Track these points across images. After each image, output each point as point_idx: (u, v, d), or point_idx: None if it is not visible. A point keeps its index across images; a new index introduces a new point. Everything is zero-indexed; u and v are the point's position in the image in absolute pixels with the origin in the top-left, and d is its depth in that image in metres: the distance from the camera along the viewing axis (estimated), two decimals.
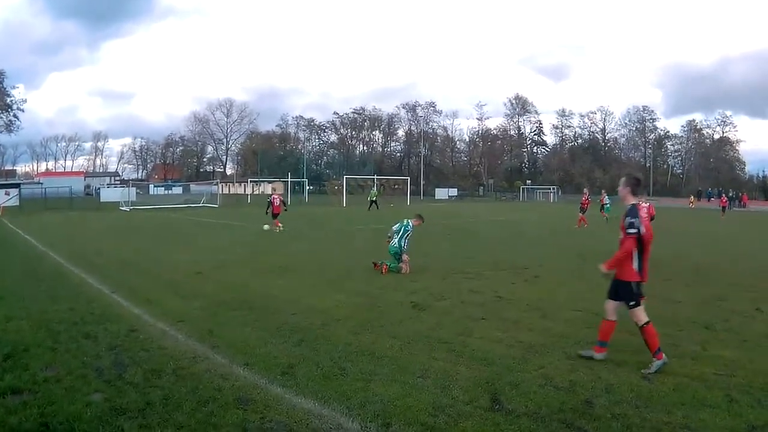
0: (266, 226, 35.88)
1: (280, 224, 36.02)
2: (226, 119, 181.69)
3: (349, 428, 6.78)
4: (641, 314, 9.32)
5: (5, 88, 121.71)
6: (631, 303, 9.33)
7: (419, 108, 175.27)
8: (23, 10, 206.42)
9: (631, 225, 9.11)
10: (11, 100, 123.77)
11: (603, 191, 52.80)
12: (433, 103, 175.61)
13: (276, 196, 38.68)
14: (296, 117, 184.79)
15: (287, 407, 7.35)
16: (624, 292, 9.38)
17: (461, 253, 25.16)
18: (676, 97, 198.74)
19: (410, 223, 19.53)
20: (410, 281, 17.23)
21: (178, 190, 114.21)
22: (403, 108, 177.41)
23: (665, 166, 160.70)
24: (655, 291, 15.34)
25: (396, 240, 19.26)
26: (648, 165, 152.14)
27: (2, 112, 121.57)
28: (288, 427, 6.76)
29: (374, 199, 68.59)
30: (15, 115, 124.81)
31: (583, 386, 8.17)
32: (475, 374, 8.63)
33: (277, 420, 6.94)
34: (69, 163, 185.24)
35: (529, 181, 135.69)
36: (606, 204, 49.32)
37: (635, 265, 9.28)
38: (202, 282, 16.97)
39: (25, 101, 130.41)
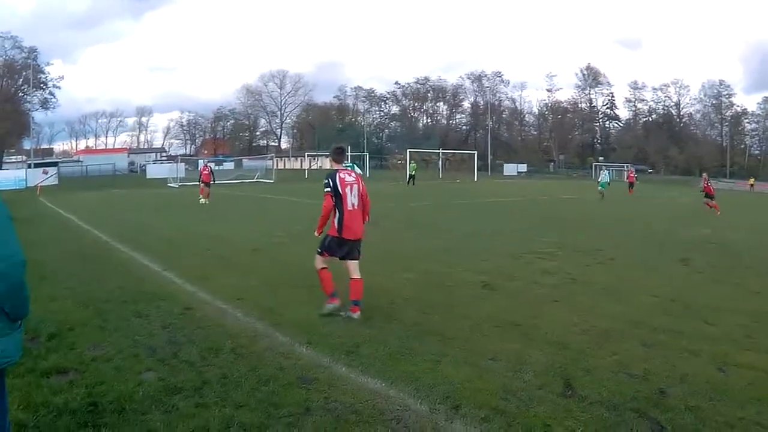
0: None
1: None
2: (279, 91, 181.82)
3: (417, 410, 6.80)
4: (319, 262, 11.33)
5: (39, 66, 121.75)
6: (318, 250, 11.37)
7: (485, 78, 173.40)
8: None
9: (327, 184, 10.98)
10: (46, 77, 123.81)
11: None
12: (500, 73, 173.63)
13: (205, 166, 40.34)
14: (355, 88, 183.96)
15: (352, 387, 7.40)
16: (320, 241, 11.45)
17: (533, 232, 25.12)
18: (758, 72, 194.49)
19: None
20: (480, 260, 17.26)
21: (230, 165, 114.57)
22: (468, 78, 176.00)
23: (742, 146, 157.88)
24: (733, 280, 15.41)
25: None
26: (725, 144, 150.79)
27: (37, 90, 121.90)
28: (353, 408, 6.79)
29: (413, 173, 68.43)
30: (51, 93, 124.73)
31: (658, 375, 8.12)
32: (547, 358, 8.63)
33: (341, 400, 6.99)
34: (111, 140, 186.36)
35: (601, 158, 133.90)
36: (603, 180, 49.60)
37: (336, 221, 11.05)
38: (260, 259, 17.16)
39: (62, 78, 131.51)
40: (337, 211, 11.01)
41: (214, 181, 41.83)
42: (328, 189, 10.92)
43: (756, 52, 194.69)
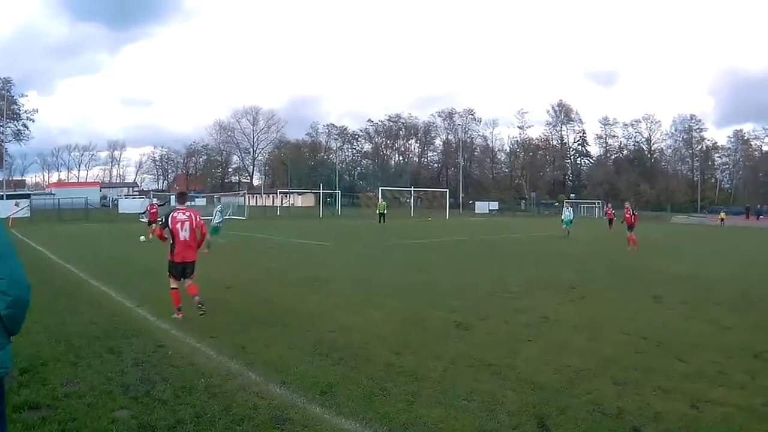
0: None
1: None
2: (252, 127, 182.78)
3: None
4: (173, 281, 14.31)
5: (13, 97, 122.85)
6: (168, 272, 14.35)
7: (457, 116, 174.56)
8: (38, 12, 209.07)
9: (161, 221, 15.14)
10: (19, 108, 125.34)
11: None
12: (472, 111, 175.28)
13: (152, 204, 41.12)
14: (327, 125, 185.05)
15: (326, 427, 7.42)
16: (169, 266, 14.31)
17: (505, 270, 25.15)
18: (728, 105, 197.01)
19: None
20: (452, 299, 17.21)
21: (201, 201, 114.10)
22: (440, 116, 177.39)
23: (713, 180, 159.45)
24: (705, 315, 15.61)
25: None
26: (695, 179, 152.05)
27: (10, 122, 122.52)
28: None
29: (383, 212, 68.14)
30: (24, 125, 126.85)
31: (631, 413, 8.17)
32: (521, 398, 8.64)
33: None
34: (83, 173, 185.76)
35: (573, 195, 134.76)
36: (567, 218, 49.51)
37: (170, 249, 14.18)
38: (232, 296, 17.10)
39: (36, 111, 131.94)
40: (172, 241, 14.15)
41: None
42: (161, 224, 14.73)
43: (727, 84, 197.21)
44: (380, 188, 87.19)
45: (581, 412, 8.18)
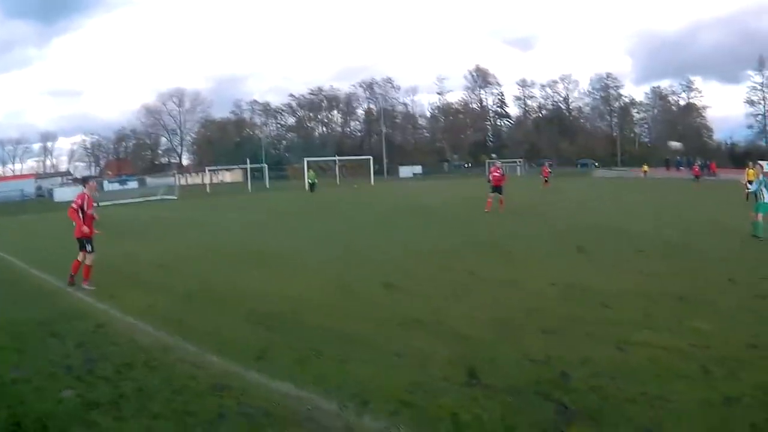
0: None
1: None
2: (178, 109, 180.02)
3: (327, 409, 6.91)
4: (91, 257, 15.15)
5: None
6: (87, 249, 15.14)
7: (376, 85, 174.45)
8: None
9: (75, 202, 15.15)
10: None
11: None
12: (391, 80, 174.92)
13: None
14: (251, 102, 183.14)
15: (264, 392, 7.49)
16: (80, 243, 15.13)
17: (431, 231, 25.26)
18: (646, 64, 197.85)
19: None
20: (382, 262, 17.40)
21: (133, 184, 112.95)
22: (361, 86, 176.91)
23: (632, 135, 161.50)
24: (630, 264, 15.90)
25: None
26: (615, 134, 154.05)
27: None
28: (265, 411, 6.87)
29: (312, 181, 68.34)
30: None
31: (560, 359, 8.33)
32: (451, 351, 8.77)
33: (254, 405, 7.06)
34: (18, 166, 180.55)
35: (494, 155, 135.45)
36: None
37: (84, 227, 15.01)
38: (167, 274, 16.97)
39: None
40: (82, 218, 14.99)
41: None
42: (73, 206, 15.08)
43: (643, 44, 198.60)
44: (305, 159, 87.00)
45: (510, 360, 8.36)
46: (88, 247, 15.06)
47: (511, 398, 7.09)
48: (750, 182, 33.97)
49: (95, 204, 15.63)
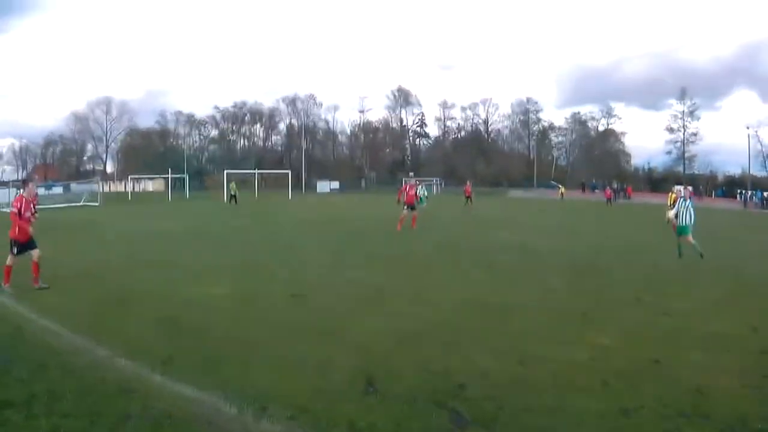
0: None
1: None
2: (105, 117, 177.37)
3: (227, 412, 7.08)
4: (12, 259, 15.22)
5: None
6: (13, 251, 15.28)
7: (299, 101, 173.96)
8: None
9: (14, 204, 15.37)
10: None
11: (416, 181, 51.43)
12: (313, 96, 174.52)
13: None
14: (175, 112, 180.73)
15: (168, 394, 7.62)
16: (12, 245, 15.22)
17: (342, 245, 25.43)
18: (570, 90, 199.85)
19: None
20: (289, 273, 17.55)
21: (58, 189, 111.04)
22: (284, 101, 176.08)
23: (549, 158, 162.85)
24: (537, 281, 16.32)
25: None
26: (532, 157, 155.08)
27: None
28: (168, 413, 6.99)
29: (234, 193, 68.72)
30: None
31: (458, 371, 8.54)
32: (352, 361, 8.94)
33: (158, 407, 7.17)
34: None
35: (411, 173, 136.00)
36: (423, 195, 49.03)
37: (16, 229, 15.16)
38: (84, 279, 16.81)
39: None
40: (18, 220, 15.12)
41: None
42: (13, 210, 15.30)
43: (569, 71, 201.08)
44: (225, 171, 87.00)
45: (408, 371, 8.55)
46: (14, 250, 15.23)
47: (408, 407, 7.27)
48: (672, 205, 35.00)
49: (32, 207, 15.78)
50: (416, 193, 35.00)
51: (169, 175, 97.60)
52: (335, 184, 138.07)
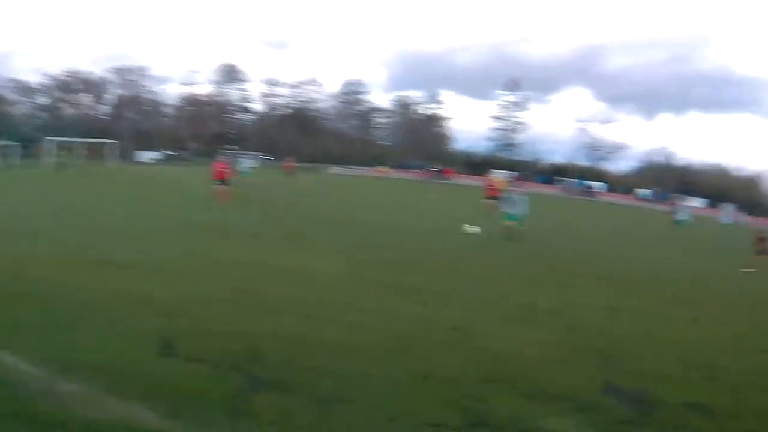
0: None
1: None
2: None
3: (25, 371, 6.92)
4: None
5: None
6: None
7: (129, 72, 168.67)
8: None
9: None
10: None
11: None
12: (143, 68, 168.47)
13: None
14: (9, 79, 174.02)
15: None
16: None
17: (153, 214, 24.35)
18: (400, 75, 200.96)
19: None
20: (106, 237, 17.39)
21: None
22: (113, 72, 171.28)
23: (372, 138, 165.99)
24: (347, 251, 17.39)
25: None
26: (355, 136, 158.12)
27: None
28: None
29: (60, 161, 68.28)
30: None
31: (254, 334, 8.69)
32: (155, 325, 8.86)
33: None
34: None
35: (234, 147, 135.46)
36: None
37: None
38: None
39: None
40: None
41: None
42: None
43: (400, 57, 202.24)
44: (48, 138, 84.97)
45: (209, 335, 8.61)
46: None
47: (205, 369, 7.31)
48: (494, 189, 36.52)
49: None
50: (227, 168, 34.92)
51: None
52: (158, 154, 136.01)
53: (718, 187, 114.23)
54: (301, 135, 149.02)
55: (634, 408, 7.62)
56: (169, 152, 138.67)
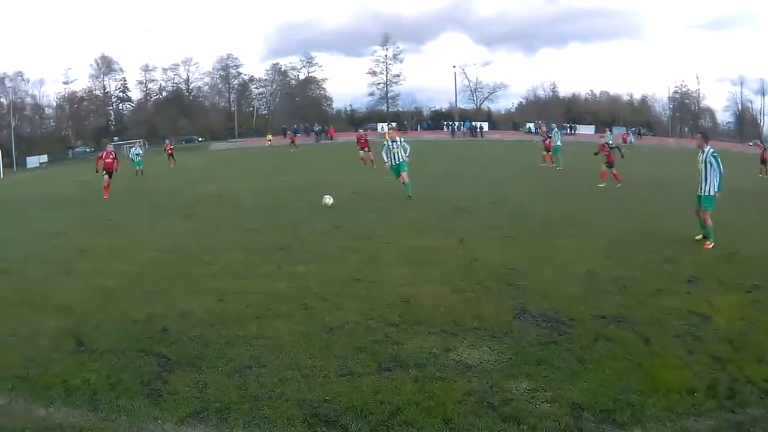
0: None
1: None
2: None
3: None
4: None
5: None
6: None
7: (7, 79, 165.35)
8: None
9: None
10: None
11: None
12: (21, 73, 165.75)
13: None
14: None
15: None
16: None
17: (47, 214, 23.92)
18: (274, 44, 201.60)
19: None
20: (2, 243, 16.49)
21: None
22: None
23: (251, 109, 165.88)
24: (233, 224, 16.96)
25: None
26: (233, 109, 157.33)
27: None
28: None
29: None
30: None
31: (161, 316, 8.58)
32: (60, 324, 8.63)
33: None
34: None
35: (116, 138, 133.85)
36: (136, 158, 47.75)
37: None
38: None
39: None
40: None
41: None
42: None
43: (273, 26, 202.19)
44: None
45: (113, 324, 8.44)
46: None
47: (116, 358, 7.18)
48: (365, 141, 36.73)
49: None
50: (115, 158, 33.66)
51: None
52: (44, 158, 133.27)
53: (610, 113, 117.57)
54: (178, 116, 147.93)
55: (549, 328, 7.77)
56: (56, 154, 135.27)
